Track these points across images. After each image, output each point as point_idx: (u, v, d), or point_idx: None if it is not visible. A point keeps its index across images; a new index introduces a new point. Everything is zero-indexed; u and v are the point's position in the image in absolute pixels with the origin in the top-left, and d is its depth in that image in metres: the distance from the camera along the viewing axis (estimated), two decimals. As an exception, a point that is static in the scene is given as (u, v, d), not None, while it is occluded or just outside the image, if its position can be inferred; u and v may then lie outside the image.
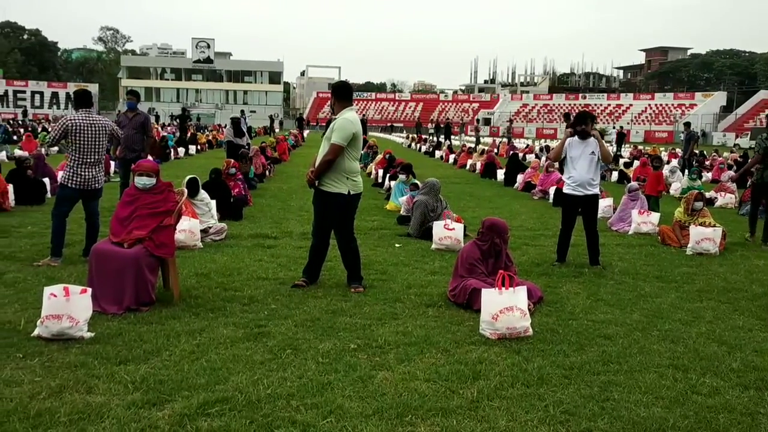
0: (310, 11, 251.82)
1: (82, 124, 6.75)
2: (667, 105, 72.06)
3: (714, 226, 8.96)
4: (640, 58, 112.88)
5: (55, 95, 76.37)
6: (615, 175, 19.60)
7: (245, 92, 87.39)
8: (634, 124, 67.25)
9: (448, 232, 8.37)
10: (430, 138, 39.88)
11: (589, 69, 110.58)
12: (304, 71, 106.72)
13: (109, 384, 3.83)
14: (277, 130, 51.16)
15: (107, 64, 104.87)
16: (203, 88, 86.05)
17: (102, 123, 6.98)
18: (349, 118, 6.03)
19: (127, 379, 3.89)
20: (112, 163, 16.53)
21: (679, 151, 27.12)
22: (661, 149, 32.48)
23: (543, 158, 21.99)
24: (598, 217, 8.24)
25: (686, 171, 18.40)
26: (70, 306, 4.50)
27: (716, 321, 5.59)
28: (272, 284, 6.34)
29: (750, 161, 10.97)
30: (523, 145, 35.49)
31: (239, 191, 11.24)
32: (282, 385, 3.91)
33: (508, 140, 36.74)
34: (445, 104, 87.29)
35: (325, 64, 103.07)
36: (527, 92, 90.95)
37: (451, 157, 26.40)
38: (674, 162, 22.12)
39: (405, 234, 9.36)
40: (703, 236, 8.62)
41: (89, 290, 4.70)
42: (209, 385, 3.86)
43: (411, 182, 11.64)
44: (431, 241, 8.50)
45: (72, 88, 77.01)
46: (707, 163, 23.97)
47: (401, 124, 75.10)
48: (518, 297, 4.97)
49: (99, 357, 4.24)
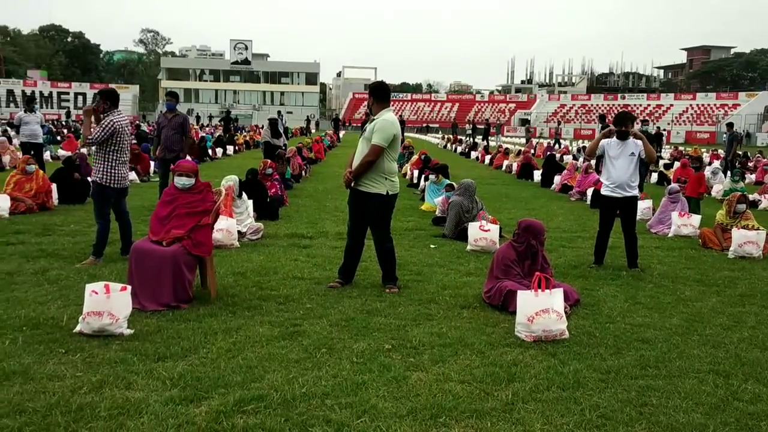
0: (347, 12, 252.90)
1: (123, 124, 6.87)
2: (709, 105, 70.59)
3: (757, 229, 8.75)
4: (681, 58, 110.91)
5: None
6: (655, 177, 19.28)
7: (282, 93, 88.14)
8: (675, 124, 66.05)
9: (483, 233, 8.33)
10: (466, 139, 39.72)
11: (628, 69, 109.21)
12: (340, 72, 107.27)
13: (147, 380, 3.90)
14: (313, 131, 51.47)
15: (147, 65, 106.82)
16: (241, 89, 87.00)
17: (129, 121, 7.16)
18: (389, 119, 6.06)
19: (165, 376, 3.95)
20: (152, 163, 16.86)
21: (721, 152, 26.59)
22: (703, 150, 31.85)
23: (581, 159, 21.75)
24: (637, 219, 8.11)
25: (728, 172, 17.99)
26: (111, 303, 4.60)
27: (759, 326, 5.46)
28: (308, 284, 6.39)
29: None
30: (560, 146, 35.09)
31: (276, 191, 11.33)
32: (317, 384, 3.93)
33: (555, 141, 36.26)
34: (482, 105, 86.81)
35: (361, 65, 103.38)
36: (565, 92, 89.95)
37: (487, 158, 26.27)
38: (716, 163, 21.66)
39: (440, 235, 9.34)
40: (746, 239, 8.43)
41: (129, 288, 4.79)
42: (245, 383, 3.90)
43: (446, 183, 11.60)
44: (466, 242, 8.47)
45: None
46: (750, 164, 23.46)
47: (437, 125, 74.93)
48: (554, 299, 4.92)
49: (138, 353, 4.32)
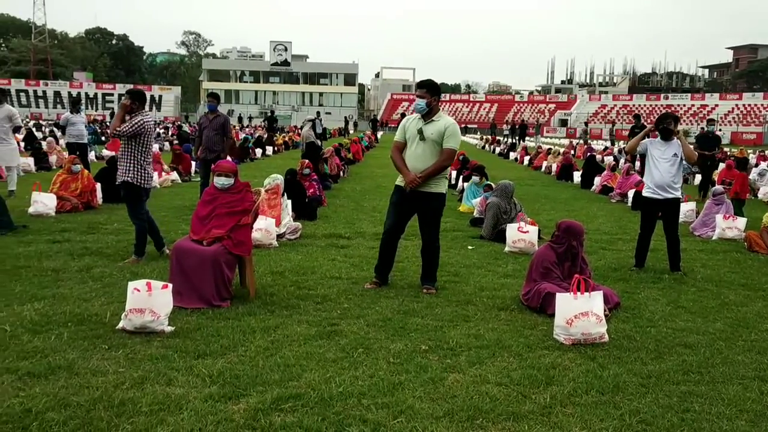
0: (386, 13, 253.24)
1: (151, 125, 7.00)
2: (756, 105, 68.83)
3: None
4: (727, 57, 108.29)
5: (141, 98, 79.45)
6: (698, 178, 18.86)
7: (321, 94, 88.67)
8: (720, 125, 64.53)
9: (522, 234, 8.26)
10: (504, 139, 39.43)
11: (672, 68, 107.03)
12: (378, 73, 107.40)
13: (187, 377, 3.96)
14: (351, 132, 51.67)
15: (189, 67, 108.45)
16: (280, 90, 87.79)
17: (154, 122, 7.22)
18: (454, 122, 6.20)
19: (205, 373, 4.01)
20: (193, 164, 17.12)
21: (768, 153, 25.87)
22: (749, 151, 31.06)
23: (621, 161, 21.42)
24: (680, 221, 7.96)
25: (776, 174, 17.51)
26: (153, 300, 4.68)
27: (807, 332, 5.31)
28: (345, 283, 6.41)
29: None
30: (600, 146, 34.59)
31: (314, 192, 11.41)
32: (353, 383, 3.94)
33: (584, 142, 35.88)
34: (521, 105, 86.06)
35: (400, 66, 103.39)
36: (606, 93, 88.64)
37: (526, 159, 26.05)
38: (763, 165, 21.09)
39: (478, 236, 9.29)
40: (794, 243, 8.20)
41: (170, 286, 4.87)
42: (283, 381, 3.94)
43: (485, 184, 11.54)
44: (504, 243, 8.41)
45: (156, 91, 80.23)
46: (800, 166, 22.74)
47: (475, 126, 74.53)
48: (594, 302, 4.85)
49: (178, 350, 4.39)
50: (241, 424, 3.38)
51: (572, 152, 26.87)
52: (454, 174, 16.42)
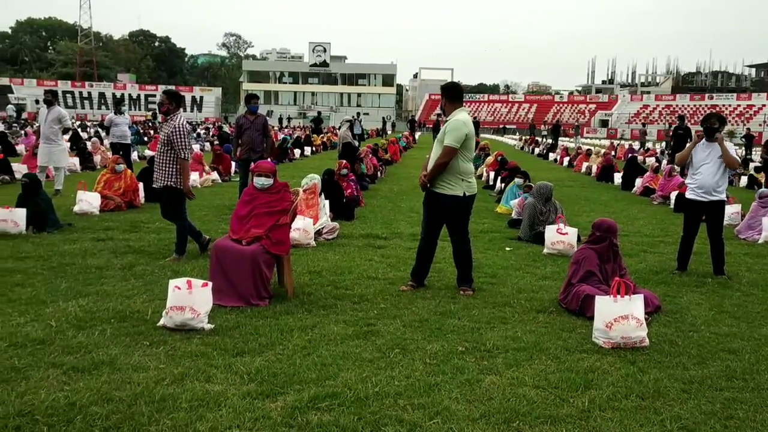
0: (424, 13, 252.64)
1: (189, 127, 7.13)
2: (805, 105, 66.93)
3: None
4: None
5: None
6: (744, 180, 18.44)
7: (359, 95, 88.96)
8: None
9: (561, 236, 8.17)
10: (544, 140, 39.04)
11: (717, 67, 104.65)
12: (416, 73, 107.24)
13: (226, 374, 4.02)
14: (389, 132, 51.74)
15: (230, 68, 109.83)
16: (319, 90, 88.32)
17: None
18: (462, 119, 5.99)
19: (243, 371, 4.06)
20: (233, 164, 17.33)
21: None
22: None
23: (664, 162, 21.05)
24: (725, 224, 7.78)
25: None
26: (193, 298, 4.75)
27: None
28: (382, 284, 6.42)
29: None
30: (643, 148, 33.98)
31: (352, 192, 11.45)
32: (390, 383, 3.95)
33: (642, 145, 35.13)
34: (560, 105, 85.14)
35: (438, 66, 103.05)
36: (648, 93, 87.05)
37: (566, 160, 25.75)
38: (812, 166, 20.49)
39: (516, 237, 9.22)
40: None
41: (210, 284, 4.94)
42: (319, 380, 3.96)
43: (526, 185, 11.44)
44: (543, 245, 8.33)
45: (197, 92, 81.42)
46: None
47: (514, 126, 73.97)
48: (634, 305, 4.78)
49: (218, 348, 4.45)
50: (279, 422, 3.41)
51: (613, 153, 26.46)
52: (492, 175, 16.34)
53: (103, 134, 27.46)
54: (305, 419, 3.45)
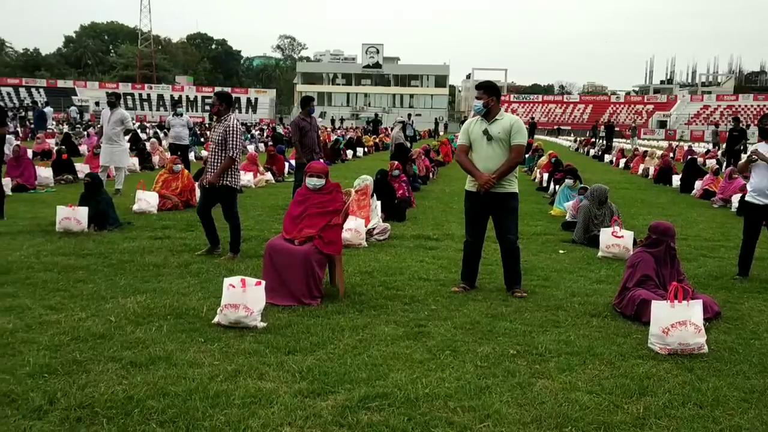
0: (478, 14, 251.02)
1: (241, 128, 7.26)
2: None
3: None
4: None
5: (237, 100, 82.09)
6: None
7: (411, 96, 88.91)
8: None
9: (616, 239, 8.01)
10: (599, 141, 38.29)
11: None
12: (469, 74, 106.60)
13: (278, 372, 4.07)
14: (441, 133, 51.61)
15: (284, 70, 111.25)
16: (371, 92, 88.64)
17: None
18: (518, 119, 6.16)
19: (295, 369, 4.10)
20: (286, 164, 17.56)
21: None
22: None
23: (725, 164, 20.43)
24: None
25: None
26: (246, 297, 4.82)
27: None
28: (433, 285, 6.41)
29: None
30: (702, 149, 32.99)
31: (403, 193, 11.47)
32: (440, 385, 3.94)
33: (714, 144, 34.06)
34: (617, 106, 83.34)
35: (491, 67, 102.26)
36: (709, 93, 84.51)
37: (622, 162, 25.24)
38: None
39: (569, 240, 9.08)
40: None
41: (263, 283, 5.01)
42: (370, 380, 3.98)
43: (579, 186, 11.26)
44: (598, 248, 8.18)
45: (253, 93, 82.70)
46: None
47: (569, 127, 72.84)
48: (693, 311, 4.65)
49: (270, 346, 4.51)
50: (329, 421, 3.44)
51: (671, 155, 25.81)
52: (545, 176, 16.12)
53: (161, 135, 28.18)
54: (355, 418, 3.47)
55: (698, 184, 15.75)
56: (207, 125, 45.54)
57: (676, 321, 4.57)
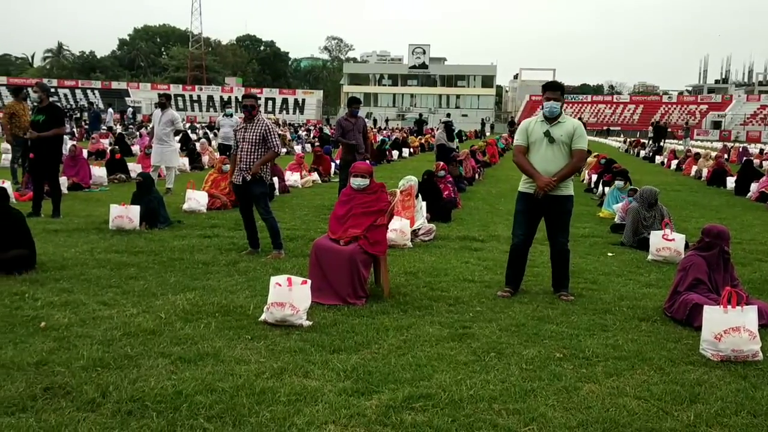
0: (526, 13, 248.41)
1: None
2: None
3: None
4: None
5: (284, 101, 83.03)
6: None
7: (458, 96, 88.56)
8: None
9: (667, 242, 7.83)
10: (650, 142, 37.51)
11: None
12: (517, 74, 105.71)
13: (323, 370, 4.10)
14: (488, 134, 51.24)
15: (331, 71, 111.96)
16: (417, 92, 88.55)
17: None
18: (580, 122, 6.12)
19: (340, 368, 4.13)
20: (332, 164, 17.68)
21: None
22: None
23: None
24: None
25: None
26: (292, 295, 4.88)
27: None
28: (478, 287, 6.38)
29: None
30: (757, 150, 32.02)
31: (449, 194, 11.43)
32: (485, 387, 3.92)
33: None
34: (669, 106, 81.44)
35: (540, 67, 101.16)
36: (767, 92, 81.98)
37: (674, 163, 24.68)
38: None
39: (618, 243, 8.92)
40: None
41: (309, 282, 5.06)
42: (414, 381, 3.98)
43: (629, 188, 11.05)
44: (647, 251, 8.01)
45: (300, 94, 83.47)
46: None
47: (618, 128, 71.51)
48: (747, 317, 4.52)
49: (315, 344, 4.55)
50: (373, 420, 3.46)
51: (726, 156, 25.11)
52: (594, 178, 15.87)
53: (211, 135, 28.67)
54: (399, 418, 3.47)
55: (754, 187, 15.27)
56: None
57: (730, 327, 4.46)
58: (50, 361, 4.06)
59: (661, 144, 35.58)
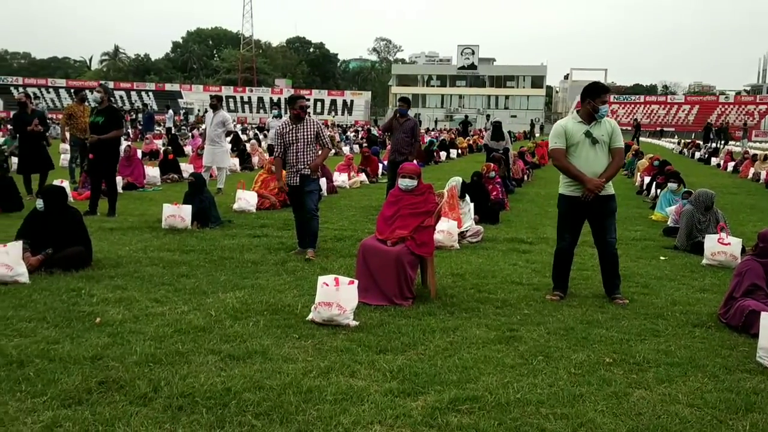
0: (576, 13, 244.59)
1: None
2: None
3: None
4: None
5: (333, 102, 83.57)
6: None
7: (507, 97, 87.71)
8: None
9: (722, 247, 7.61)
10: (708, 144, 36.52)
11: None
12: (567, 74, 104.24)
13: (369, 370, 4.11)
14: (537, 135, 50.67)
15: (379, 72, 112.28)
16: (466, 93, 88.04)
17: None
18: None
19: (386, 368, 4.14)
20: (380, 165, 17.72)
21: None
22: None
23: None
24: None
25: None
26: (340, 295, 4.91)
27: None
28: (526, 289, 6.31)
29: None
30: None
31: (497, 195, 11.34)
32: (532, 391, 3.87)
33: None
34: (725, 107, 79.15)
35: (591, 67, 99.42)
36: (829, 92, 78.97)
37: (730, 165, 23.98)
38: None
39: (671, 246, 8.71)
40: None
41: (356, 282, 5.08)
42: (460, 383, 3.96)
43: (683, 191, 10.79)
44: (702, 255, 7.81)
45: (348, 95, 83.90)
46: None
47: (672, 129, 69.85)
48: (807, 325, 4.36)
49: (362, 344, 4.57)
50: (419, 421, 3.45)
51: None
52: (646, 180, 15.54)
53: (260, 137, 29.05)
54: (445, 420, 3.46)
55: (816, 190, 14.75)
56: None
57: (788, 334, 4.31)
58: (105, 356, 4.18)
59: (718, 145, 34.59)
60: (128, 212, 10.26)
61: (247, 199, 10.83)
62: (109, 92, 10.39)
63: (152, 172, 14.74)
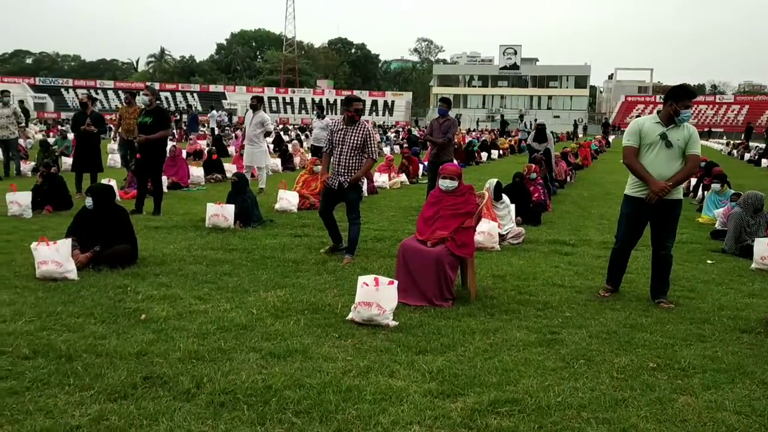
0: (619, 12, 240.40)
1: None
2: None
3: None
4: None
5: (374, 103, 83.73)
6: None
7: (549, 97, 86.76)
8: None
9: (772, 250, 7.41)
10: (756, 145, 35.53)
11: None
12: (612, 74, 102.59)
13: (408, 371, 4.12)
14: (580, 136, 50.01)
15: (420, 73, 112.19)
16: (508, 93, 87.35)
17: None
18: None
19: (425, 369, 4.13)
20: (420, 166, 17.70)
21: None
22: None
23: None
24: None
25: None
26: (379, 295, 4.92)
27: None
28: (568, 292, 6.24)
29: None
30: None
31: (539, 196, 11.23)
32: (573, 394, 3.83)
33: None
34: (777, 106, 77.05)
35: (636, 66, 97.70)
36: None
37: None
38: None
39: (719, 250, 8.51)
40: None
41: (396, 282, 5.09)
42: (500, 385, 3.93)
43: (731, 193, 10.53)
44: (751, 259, 7.61)
45: (389, 96, 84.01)
46: None
47: (721, 129, 68.19)
48: None
49: (401, 345, 4.57)
50: (458, 423, 3.44)
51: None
52: (693, 181, 15.20)
53: (303, 137, 29.29)
54: (484, 422, 3.44)
55: None
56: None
57: (842, 342, 4.17)
58: (149, 352, 4.27)
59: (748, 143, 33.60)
60: (173, 211, 10.44)
61: (288, 199, 10.93)
62: (156, 94, 10.60)
63: (196, 171, 14.97)
